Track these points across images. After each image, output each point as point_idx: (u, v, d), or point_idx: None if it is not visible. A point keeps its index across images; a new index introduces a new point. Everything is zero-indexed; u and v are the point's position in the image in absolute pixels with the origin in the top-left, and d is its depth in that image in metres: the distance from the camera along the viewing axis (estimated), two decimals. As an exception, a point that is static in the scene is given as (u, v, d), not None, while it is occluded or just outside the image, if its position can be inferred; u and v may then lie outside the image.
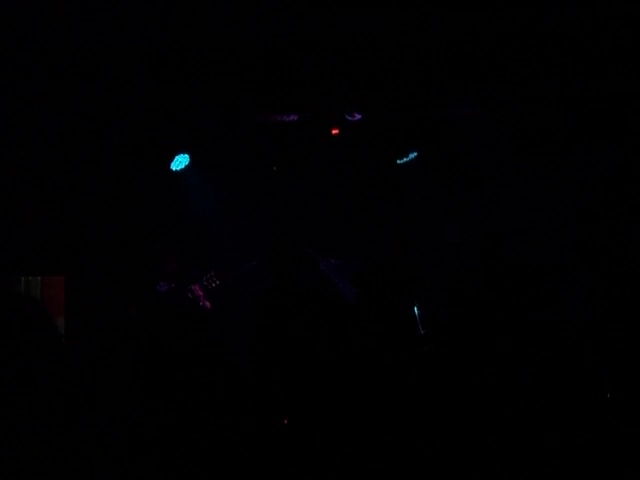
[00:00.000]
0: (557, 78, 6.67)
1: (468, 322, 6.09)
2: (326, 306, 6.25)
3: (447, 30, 6.18)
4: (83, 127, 7.99)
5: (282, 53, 6.79)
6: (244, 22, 6.34)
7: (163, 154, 8.96)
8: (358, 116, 8.90)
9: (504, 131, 8.41)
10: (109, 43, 6.14)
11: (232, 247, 9.13)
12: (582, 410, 4.97)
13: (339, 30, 6.51)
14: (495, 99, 7.69)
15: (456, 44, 6.31)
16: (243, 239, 9.16)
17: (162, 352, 5.99)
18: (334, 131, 9.25)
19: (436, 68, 6.62)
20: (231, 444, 4.78)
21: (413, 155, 9.31)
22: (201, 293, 7.99)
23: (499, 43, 6.28)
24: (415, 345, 6.93)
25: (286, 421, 4.97)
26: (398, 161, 9.32)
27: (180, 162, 9.08)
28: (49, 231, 8.00)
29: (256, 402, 5.12)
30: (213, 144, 9.05)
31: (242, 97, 7.86)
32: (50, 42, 5.71)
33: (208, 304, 7.99)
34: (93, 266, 8.34)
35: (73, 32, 5.69)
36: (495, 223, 6.60)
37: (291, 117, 8.97)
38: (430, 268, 8.14)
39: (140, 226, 8.90)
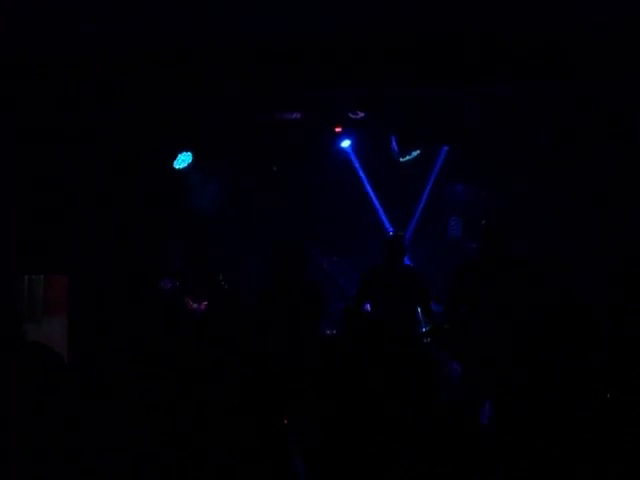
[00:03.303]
0: (562, 76, 6.63)
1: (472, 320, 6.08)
2: (327, 305, 6.24)
3: (450, 25, 6.15)
4: (86, 126, 7.98)
5: (285, 50, 6.75)
6: (246, 19, 6.30)
7: (166, 152, 8.97)
8: (361, 114, 8.89)
9: (507, 125, 8.42)
10: (111, 41, 6.13)
11: (235, 245, 9.14)
12: (582, 411, 4.94)
13: (343, 26, 6.47)
14: (498, 96, 7.68)
15: (460, 39, 6.26)
16: (246, 237, 9.17)
17: (163, 351, 5.97)
18: (337, 129, 9.26)
19: (439, 64, 6.58)
20: (231, 444, 4.77)
21: (416, 153, 9.31)
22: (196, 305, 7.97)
23: (504, 39, 6.24)
24: (417, 341, 6.93)
25: (286, 421, 4.96)
26: (401, 159, 9.32)
27: (183, 160, 9.11)
28: (52, 229, 7.98)
29: (256, 402, 5.11)
30: (216, 142, 9.05)
31: (246, 95, 7.83)
32: (51, 40, 5.70)
33: (204, 305, 7.99)
34: (96, 265, 8.33)
35: (75, 30, 5.68)
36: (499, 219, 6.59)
37: (294, 115, 8.97)
38: (433, 266, 8.13)
39: (143, 224, 8.90)
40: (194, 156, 9.10)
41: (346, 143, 9.46)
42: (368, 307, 6.93)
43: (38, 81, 6.30)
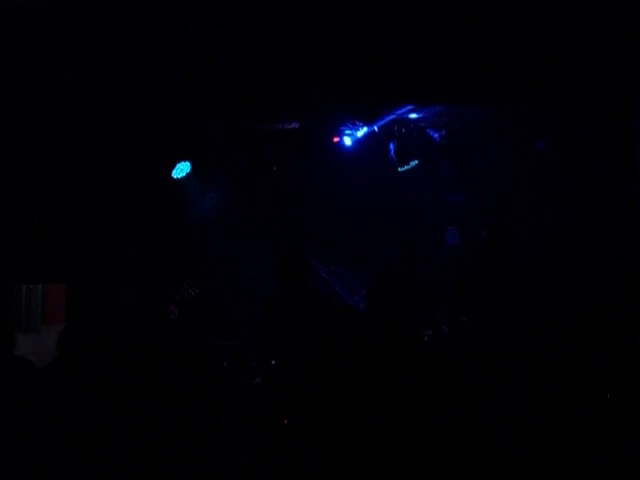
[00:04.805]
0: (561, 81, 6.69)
1: (470, 324, 6.08)
2: (328, 312, 6.22)
3: (451, 33, 6.17)
4: (85, 136, 8.00)
5: (284, 60, 6.79)
6: (246, 29, 6.34)
7: (165, 162, 8.99)
8: (359, 124, 8.94)
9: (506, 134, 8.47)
10: (111, 49, 6.16)
11: (234, 254, 9.14)
12: (583, 412, 4.94)
13: (341, 38, 6.51)
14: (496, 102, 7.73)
15: (460, 46, 6.30)
16: (245, 246, 9.18)
17: (158, 358, 5.96)
18: (335, 139, 9.29)
19: (438, 72, 6.62)
20: (230, 445, 4.76)
21: (414, 163, 9.34)
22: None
23: (496, 46, 6.29)
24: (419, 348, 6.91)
25: (286, 421, 4.94)
26: (399, 169, 9.35)
27: (181, 170, 9.11)
28: (50, 239, 7.99)
29: (256, 404, 5.10)
30: (215, 151, 9.08)
31: (245, 105, 7.88)
32: (53, 40, 5.71)
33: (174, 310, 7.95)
34: (94, 273, 8.33)
35: (76, 31, 5.70)
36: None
37: (292, 125, 9.01)
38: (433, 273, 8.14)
39: (141, 233, 8.91)
40: (192, 165, 9.11)
41: (348, 141, 9.35)
42: None
43: (40, 81, 6.33)
